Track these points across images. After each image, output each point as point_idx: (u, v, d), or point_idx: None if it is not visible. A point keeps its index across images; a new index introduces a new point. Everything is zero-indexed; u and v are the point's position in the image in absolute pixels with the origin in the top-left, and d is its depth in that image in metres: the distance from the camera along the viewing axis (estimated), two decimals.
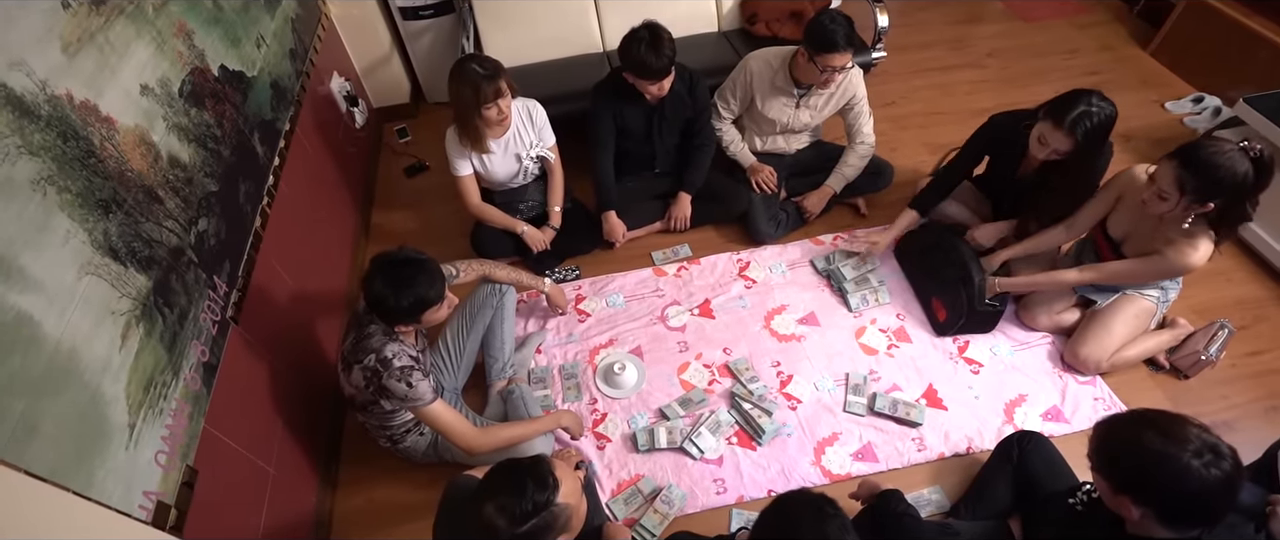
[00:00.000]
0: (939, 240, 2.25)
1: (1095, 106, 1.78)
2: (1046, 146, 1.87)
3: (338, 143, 2.63)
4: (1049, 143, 1.86)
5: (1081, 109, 1.78)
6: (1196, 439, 1.08)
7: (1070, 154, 1.86)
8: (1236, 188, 1.60)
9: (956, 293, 2.15)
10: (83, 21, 1.27)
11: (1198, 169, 1.60)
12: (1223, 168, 1.58)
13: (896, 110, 3.23)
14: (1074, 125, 1.78)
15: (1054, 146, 1.85)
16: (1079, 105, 1.78)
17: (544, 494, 1.12)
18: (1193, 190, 1.62)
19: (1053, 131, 1.83)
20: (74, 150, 1.17)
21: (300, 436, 1.83)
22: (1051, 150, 1.87)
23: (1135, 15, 3.77)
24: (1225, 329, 2.07)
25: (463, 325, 2.00)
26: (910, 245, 2.40)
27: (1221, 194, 1.61)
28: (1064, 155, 1.87)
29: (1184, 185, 1.62)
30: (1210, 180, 1.59)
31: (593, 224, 2.54)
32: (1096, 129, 1.79)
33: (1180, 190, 1.64)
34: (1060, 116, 1.80)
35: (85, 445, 1.07)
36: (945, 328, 2.22)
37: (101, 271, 1.17)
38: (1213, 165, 1.58)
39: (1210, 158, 1.59)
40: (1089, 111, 1.78)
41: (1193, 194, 1.63)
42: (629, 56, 2.10)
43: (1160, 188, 1.68)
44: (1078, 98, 1.80)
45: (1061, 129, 1.80)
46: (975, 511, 1.71)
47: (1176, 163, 1.64)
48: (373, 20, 2.97)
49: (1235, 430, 1.94)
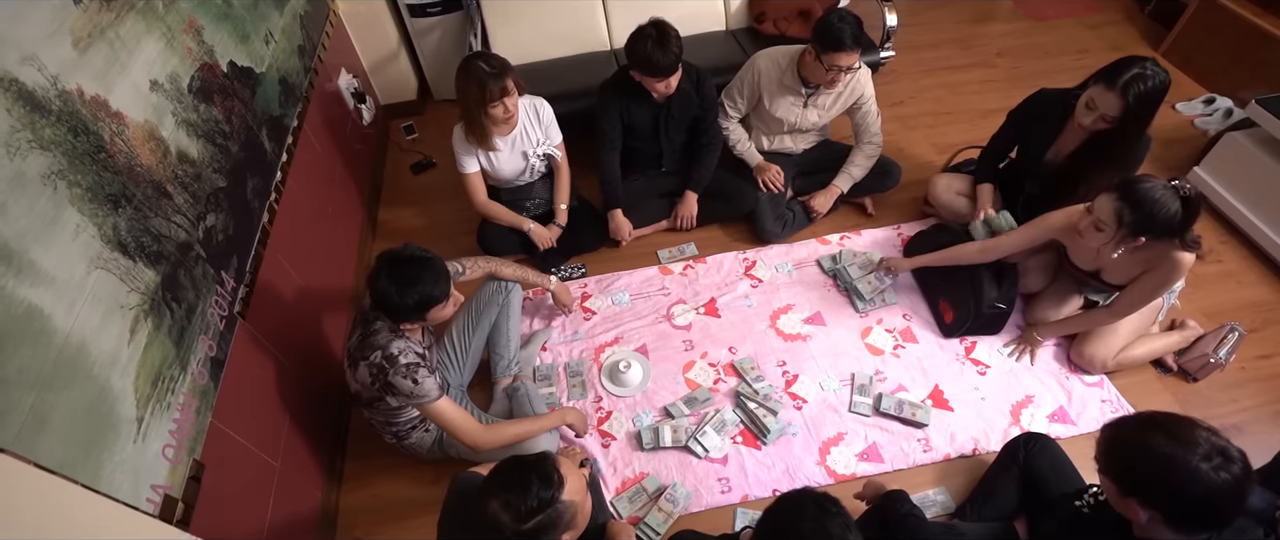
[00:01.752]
0: (951, 242, 2.23)
1: (1150, 71, 1.76)
2: (1094, 112, 1.84)
3: (345, 139, 2.64)
4: (1098, 107, 1.83)
5: (1135, 71, 1.76)
6: (1205, 442, 1.07)
7: (1116, 122, 1.82)
8: (1167, 224, 1.61)
9: (964, 293, 2.14)
10: (93, 17, 1.28)
11: (1136, 204, 1.61)
12: (1157, 203, 1.59)
13: (905, 110, 3.22)
14: (1127, 87, 1.76)
15: (1103, 111, 1.82)
16: (1133, 68, 1.77)
17: (549, 491, 1.12)
18: (1129, 224, 1.63)
19: (1104, 94, 1.80)
20: (84, 145, 1.18)
21: (306, 432, 1.84)
22: (1099, 115, 1.83)
23: (1146, 16, 3.74)
24: (1235, 332, 2.05)
25: (468, 322, 2.00)
26: (921, 246, 2.38)
27: (1152, 231, 1.63)
28: (1111, 123, 1.83)
29: (1122, 218, 1.63)
30: (1145, 215, 1.60)
31: (599, 222, 2.54)
32: (1148, 94, 1.76)
33: (1118, 222, 1.64)
34: (1114, 78, 1.78)
35: (93, 438, 1.08)
36: (952, 329, 2.21)
37: (111, 266, 1.18)
38: (1150, 201, 1.59)
39: (1146, 193, 1.60)
40: (1143, 74, 1.76)
41: (1129, 228, 1.63)
42: (636, 54, 2.10)
43: (1098, 218, 1.68)
44: (1132, 61, 1.78)
45: (1113, 90, 1.78)
46: (981, 513, 1.71)
47: (1116, 196, 1.64)
48: (381, 17, 2.97)
49: (1244, 434, 1.93)
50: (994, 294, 2.09)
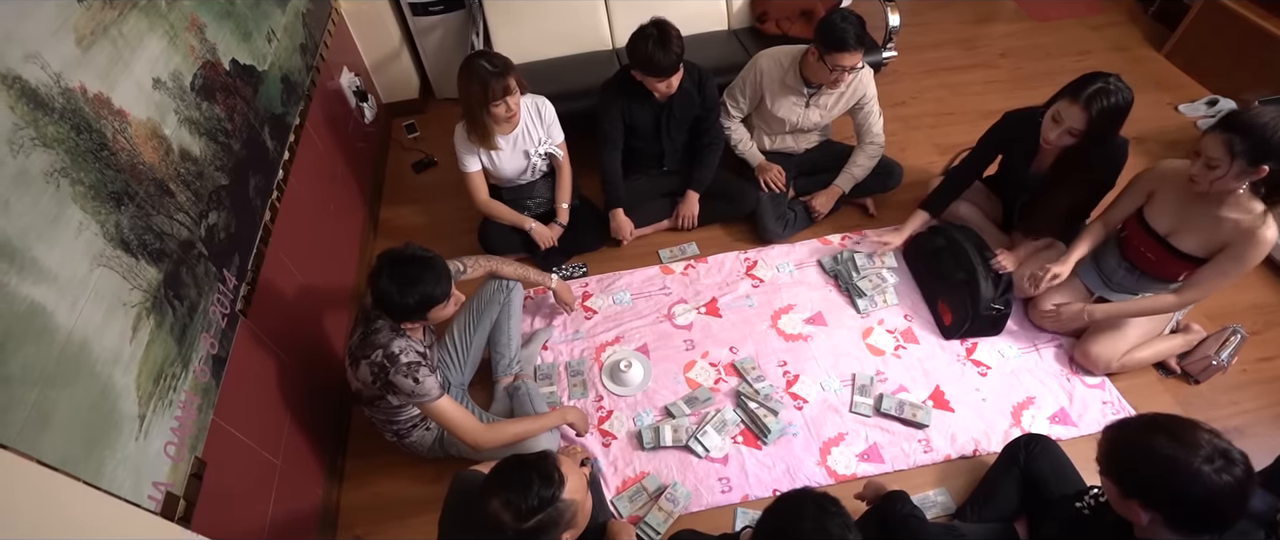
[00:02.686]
0: (948, 242, 2.23)
1: (1113, 85, 1.78)
2: (1060, 125, 1.85)
3: (347, 138, 2.64)
4: (1063, 120, 1.84)
5: (1099, 85, 1.77)
6: (1208, 444, 1.07)
7: (1083, 136, 1.83)
8: None
9: (961, 296, 2.14)
10: (96, 15, 1.28)
11: (1246, 131, 1.57)
12: (1269, 127, 1.55)
13: (907, 110, 3.22)
14: (1089, 101, 1.77)
15: (1068, 125, 1.83)
16: (1096, 82, 1.78)
17: (549, 490, 1.12)
18: (1243, 152, 1.58)
19: (1068, 107, 1.82)
20: (87, 143, 1.18)
21: (307, 430, 1.84)
22: (1065, 129, 1.84)
23: (1150, 17, 3.73)
24: (1238, 334, 2.04)
25: (470, 321, 2.01)
26: (918, 248, 2.39)
27: (1271, 155, 1.58)
28: (1077, 137, 1.84)
29: (1234, 149, 1.59)
30: (1259, 140, 1.56)
31: (600, 221, 2.54)
32: (1111, 109, 1.77)
33: (1230, 154, 1.60)
34: (1077, 91, 1.80)
35: (96, 436, 1.08)
36: (951, 331, 2.21)
37: (113, 263, 1.18)
38: (1260, 125, 1.56)
39: (1255, 118, 1.57)
40: (1106, 88, 1.77)
41: (1244, 156, 1.58)
42: (638, 54, 2.10)
43: (1208, 158, 1.64)
44: (1096, 76, 1.80)
45: (1077, 103, 1.79)
46: (981, 514, 1.71)
47: (1222, 129, 1.60)
48: (383, 16, 2.97)
49: (1246, 436, 1.93)
50: (991, 295, 2.09)
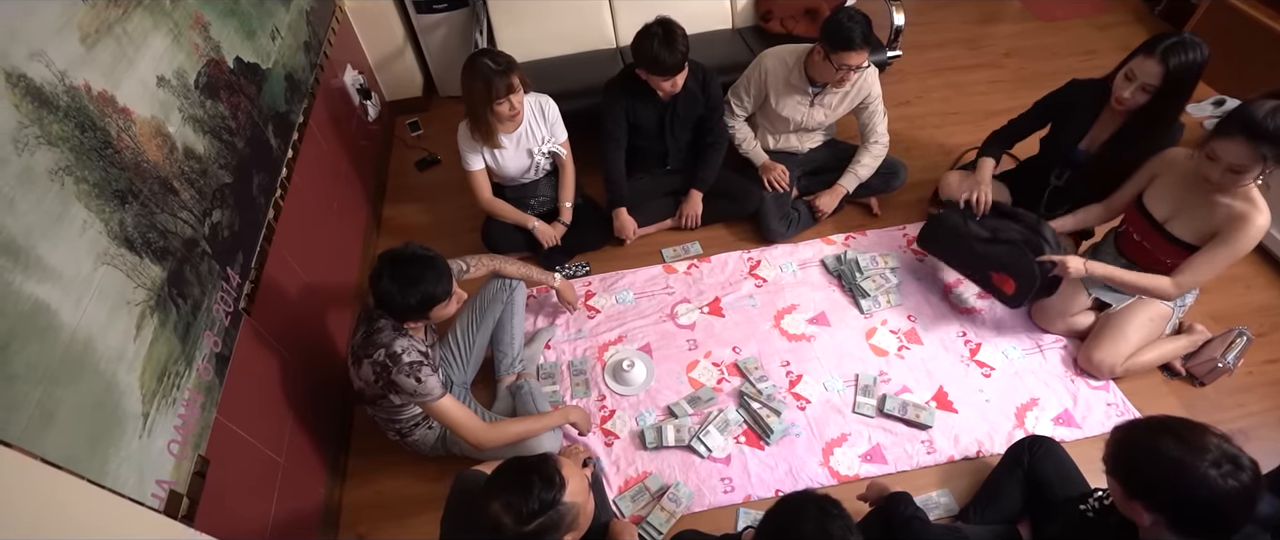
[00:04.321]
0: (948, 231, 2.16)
1: (1189, 39, 1.77)
2: (1134, 82, 1.83)
3: (350, 136, 2.64)
4: (1137, 76, 1.82)
5: (1177, 39, 1.77)
6: (1215, 448, 1.06)
7: (1155, 94, 1.82)
8: None
9: (1025, 263, 1.97)
10: (101, 13, 1.28)
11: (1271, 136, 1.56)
12: None
13: (911, 110, 3.21)
14: (1166, 54, 1.76)
15: (1143, 80, 1.81)
16: (1172, 37, 1.78)
17: (550, 493, 1.12)
18: (1275, 157, 1.58)
19: (1143, 62, 1.81)
20: (91, 141, 1.18)
21: (310, 428, 1.84)
22: (1139, 84, 1.83)
23: (1156, 16, 3.71)
24: (1244, 336, 2.03)
25: (472, 320, 2.01)
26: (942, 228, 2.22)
27: None
28: (1150, 93, 1.82)
29: (1265, 157, 1.58)
30: None
31: (603, 220, 2.54)
32: (1188, 64, 1.76)
33: (1261, 161, 1.60)
34: (1152, 47, 1.79)
35: (99, 434, 1.08)
36: (1017, 299, 2.05)
37: (117, 262, 1.18)
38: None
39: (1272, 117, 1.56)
40: (1182, 42, 1.76)
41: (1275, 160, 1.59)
42: (642, 52, 2.10)
43: (1231, 164, 1.63)
44: (1171, 32, 1.80)
45: (1152, 57, 1.78)
46: (985, 515, 1.70)
47: (1244, 137, 1.59)
48: (386, 14, 2.97)
49: (1251, 439, 1.92)
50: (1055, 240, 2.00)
